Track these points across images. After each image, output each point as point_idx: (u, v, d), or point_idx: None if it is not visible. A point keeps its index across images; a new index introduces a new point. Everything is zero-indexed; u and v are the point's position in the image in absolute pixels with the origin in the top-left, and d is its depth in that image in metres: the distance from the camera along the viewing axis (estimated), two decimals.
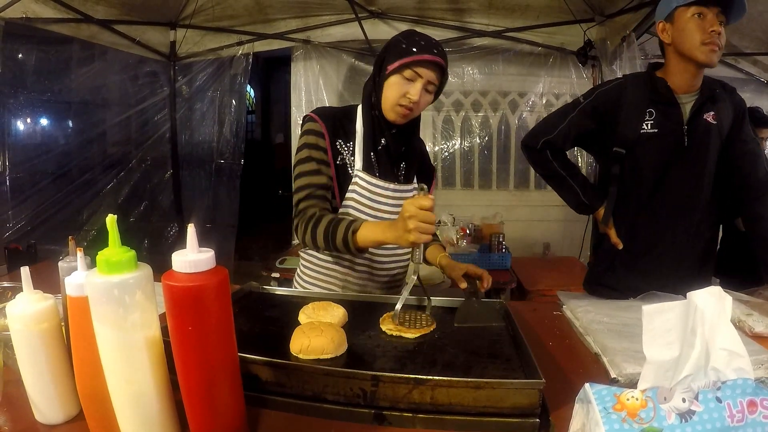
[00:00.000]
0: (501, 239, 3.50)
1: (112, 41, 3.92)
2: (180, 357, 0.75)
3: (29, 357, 0.91)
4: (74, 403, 0.94)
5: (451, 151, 4.66)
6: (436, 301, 1.47)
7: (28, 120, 4.00)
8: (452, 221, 3.67)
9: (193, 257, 0.73)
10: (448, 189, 4.61)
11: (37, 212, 3.65)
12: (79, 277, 0.80)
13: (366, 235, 1.39)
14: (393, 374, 0.94)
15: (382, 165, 1.65)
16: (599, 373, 1.17)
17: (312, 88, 4.44)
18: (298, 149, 1.62)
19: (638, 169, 1.83)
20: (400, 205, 1.50)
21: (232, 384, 0.80)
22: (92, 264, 0.79)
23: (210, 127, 4.88)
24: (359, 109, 1.68)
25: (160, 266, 0.83)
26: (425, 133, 4.51)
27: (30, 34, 3.37)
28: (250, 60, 4.50)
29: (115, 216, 0.75)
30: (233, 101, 4.69)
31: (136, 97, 4.62)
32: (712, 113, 1.78)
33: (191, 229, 0.74)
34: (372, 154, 1.63)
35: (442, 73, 1.55)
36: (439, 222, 3.62)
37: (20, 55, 3.58)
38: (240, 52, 4.46)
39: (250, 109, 5.12)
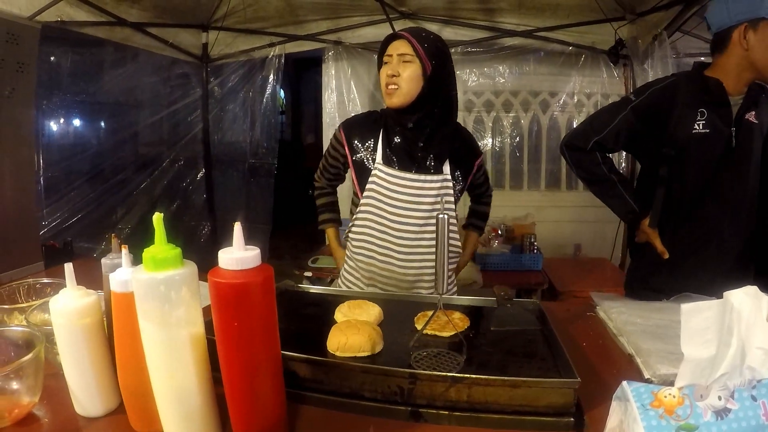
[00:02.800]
0: (533, 240, 3.48)
1: (145, 43, 3.98)
2: (224, 353, 0.78)
3: (71, 351, 0.95)
4: (114, 396, 0.98)
5: (483, 151, 4.55)
6: (469, 301, 1.49)
7: (63, 121, 4.07)
8: None
9: (239, 255, 0.75)
10: None
11: (72, 211, 3.72)
12: (124, 273, 0.84)
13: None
14: (430, 372, 0.96)
15: (402, 157, 1.73)
16: (633, 374, 1.16)
17: (343, 89, 4.46)
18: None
19: (686, 171, 1.80)
20: (419, 195, 1.68)
21: (274, 380, 0.83)
22: (136, 261, 0.82)
23: (242, 127, 4.95)
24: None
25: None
26: None
27: (65, 37, 3.43)
28: (282, 61, 4.54)
29: (162, 214, 0.78)
30: (265, 102, 4.74)
31: (169, 98, 4.70)
32: (753, 113, 1.75)
33: (238, 227, 0.77)
34: (388, 149, 1.73)
35: (411, 43, 1.62)
36: None
37: (54, 58, 3.65)
38: (272, 53, 4.50)
39: (281, 109, 5.18)
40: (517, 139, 4.62)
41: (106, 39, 3.62)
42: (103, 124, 4.43)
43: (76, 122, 4.24)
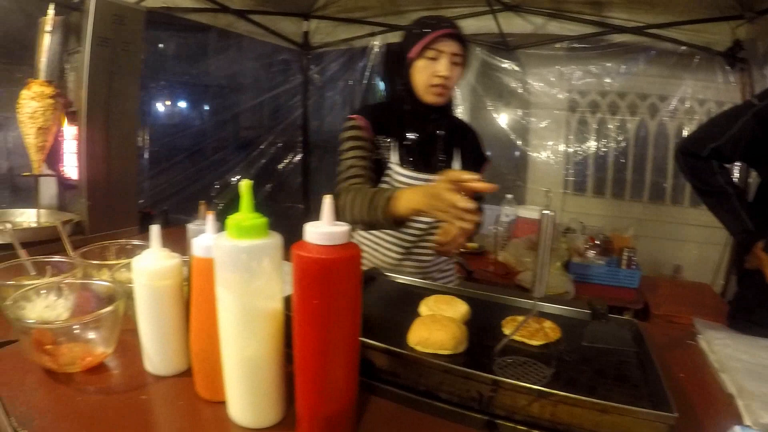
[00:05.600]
0: (632, 255, 3.29)
1: (248, 30, 4.13)
2: (300, 330, 0.76)
3: (149, 310, 0.97)
4: (184, 359, 1.00)
5: (584, 155, 4.46)
6: (560, 310, 1.40)
7: (167, 101, 4.44)
8: (582, 229, 3.50)
9: (327, 229, 0.72)
10: (578, 195, 4.44)
11: (171, 184, 4.01)
12: (207, 239, 0.83)
13: (402, 202, 1.34)
14: (516, 382, 0.89)
15: (416, 156, 1.71)
16: (731, 417, 1.05)
17: None
18: (342, 143, 1.76)
19: None
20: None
21: (348, 365, 0.80)
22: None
23: (340, 115, 5.10)
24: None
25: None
26: (558, 134, 4.39)
27: (170, 22, 3.63)
28: (382, 51, 4.55)
29: (251, 182, 0.77)
30: (364, 91, 4.82)
31: (270, 83, 4.93)
32: None
33: (328, 201, 0.74)
34: (404, 147, 1.70)
35: (463, 44, 1.59)
36: (568, 229, 3.48)
37: (161, 43, 3.92)
38: (371, 43, 4.54)
39: (381, 99, 5.30)
40: (623, 144, 4.39)
41: (210, 25, 3.86)
42: (205, 105, 4.81)
43: (181, 103, 4.56)
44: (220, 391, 0.87)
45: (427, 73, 1.60)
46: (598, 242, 3.39)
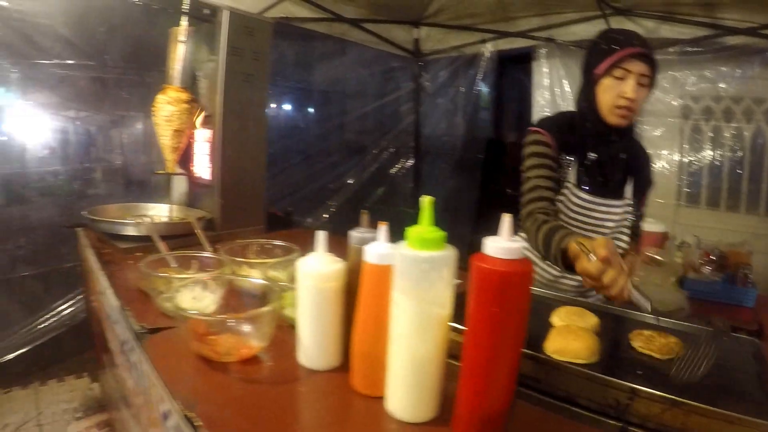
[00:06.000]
0: (748, 272, 3.13)
1: (361, 38, 4.31)
2: (474, 335, 0.82)
3: (311, 308, 1.06)
4: (338, 355, 1.09)
5: (699, 165, 4.25)
6: (682, 326, 1.40)
7: (285, 104, 4.71)
8: (697, 243, 3.37)
9: (506, 244, 0.78)
10: (692, 207, 4.22)
11: (287, 185, 4.23)
12: (381, 247, 0.90)
13: (571, 257, 1.33)
14: (652, 390, 0.92)
15: (593, 178, 1.66)
16: None
17: (555, 88, 4.36)
18: (527, 157, 1.69)
19: None
20: (602, 220, 1.64)
21: (511, 370, 0.85)
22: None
23: (451, 121, 5.15)
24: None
25: None
26: (672, 142, 4.22)
27: (288, 32, 3.84)
28: (493, 58, 4.60)
29: (432, 198, 0.82)
30: (474, 98, 4.88)
31: (383, 89, 5.08)
32: None
33: (507, 219, 0.80)
34: (582, 167, 1.66)
35: (652, 64, 1.52)
36: (682, 243, 3.36)
37: (280, 49, 4.15)
38: (482, 50, 4.57)
39: (486, 106, 5.39)
40: (739, 153, 4.14)
41: (326, 33, 4.05)
42: (321, 110, 4.99)
43: (297, 106, 4.78)
44: (378, 387, 0.95)
45: (612, 93, 1.54)
46: (713, 257, 3.24)
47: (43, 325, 3.67)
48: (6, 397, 3.36)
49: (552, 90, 4.35)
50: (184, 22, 2.35)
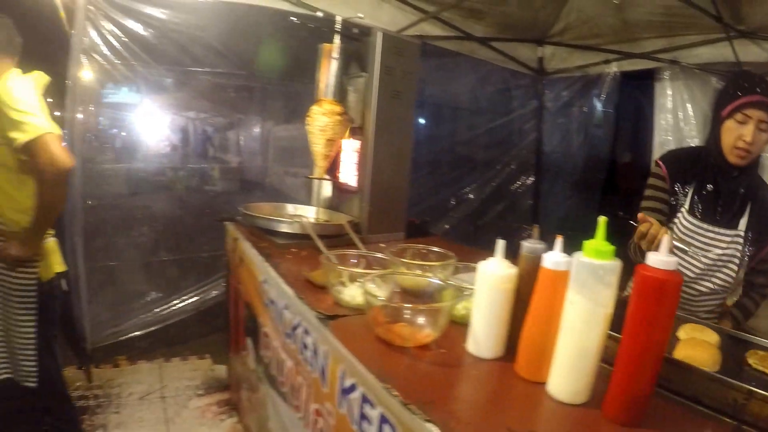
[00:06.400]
0: None
1: (488, 56, 4.65)
2: (633, 330, 1.06)
3: (486, 305, 1.33)
4: (502, 346, 1.36)
5: None
6: None
7: (417, 119, 5.03)
8: None
9: (667, 258, 1.02)
10: None
11: (415, 195, 4.54)
12: (557, 256, 1.16)
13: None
14: (766, 393, 1.12)
15: (706, 207, 1.87)
16: None
17: (679, 111, 4.43)
18: (645, 188, 1.98)
19: None
20: (707, 246, 1.84)
21: (657, 362, 1.08)
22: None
23: (572, 140, 5.35)
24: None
25: None
26: None
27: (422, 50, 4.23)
28: (616, 79, 4.74)
29: (606, 218, 1.08)
30: (597, 118, 5.05)
31: (507, 107, 5.36)
32: None
33: (667, 237, 1.04)
34: (698, 195, 1.88)
35: None
36: None
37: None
38: (606, 70, 4.71)
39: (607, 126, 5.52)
40: None
41: (457, 51, 4.38)
42: (446, 124, 5.33)
43: (425, 121, 5.08)
44: (540, 373, 1.21)
45: (733, 136, 1.76)
46: None
47: (172, 308, 4.15)
48: (132, 369, 3.84)
49: (675, 113, 4.41)
50: (337, 40, 2.70)
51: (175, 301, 4.09)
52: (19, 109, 2.00)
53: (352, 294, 1.67)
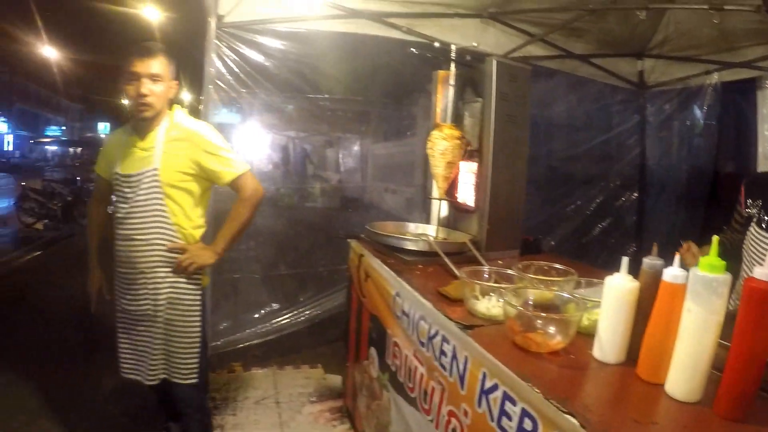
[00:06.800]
0: None
1: (588, 72, 4.90)
2: (744, 336, 1.29)
3: (612, 315, 1.60)
4: (624, 352, 1.61)
5: None
6: None
7: None
8: None
9: None
10: None
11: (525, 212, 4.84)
12: (676, 271, 1.42)
13: None
14: None
15: None
16: None
17: None
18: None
19: None
20: None
21: (761, 363, 1.30)
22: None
23: (675, 154, 5.48)
24: None
25: None
26: None
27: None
28: (718, 89, 4.82)
29: (719, 237, 1.34)
30: (699, 131, 5.15)
31: (608, 122, 5.55)
32: None
33: None
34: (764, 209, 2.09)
35: None
36: None
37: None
38: (707, 81, 4.80)
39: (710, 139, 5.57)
40: None
41: (557, 69, 4.67)
42: (549, 142, 5.54)
43: (530, 139, 5.41)
44: (659, 374, 1.46)
45: None
46: None
47: (288, 320, 4.58)
48: (247, 375, 4.26)
49: None
50: (453, 68, 3.03)
51: (291, 313, 4.52)
52: (221, 151, 2.58)
53: (487, 306, 1.97)
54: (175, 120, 2.60)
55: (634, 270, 1.60)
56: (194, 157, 2.54)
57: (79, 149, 20.50)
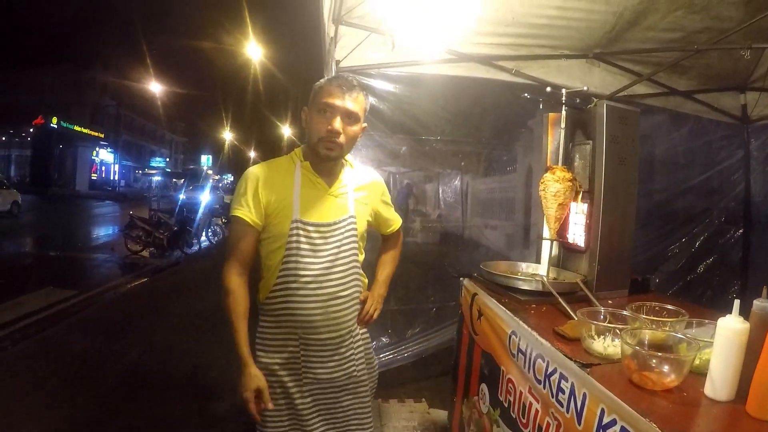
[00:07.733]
0: None
1: (693, 109, 4.99)
2: None
3: (724, 355, 1.78)
4: (735, 390, 1.78)
5: None
6: None
7: None
8: None
9: None
10: None
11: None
12: None
13: None
14: None
15: None
16: None
17: None
18: None
19: None
20: None
21: None
22: None
23: None
24: None
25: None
26: None
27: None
28: None
29: None
30: None
31: (712, 158, 5.66)
32: None
33: None
34: None
35: None
36: None
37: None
38: None
39: None
40: None
41: (662, 107, 4.85)
42: (652, 180, 5.76)
43: None
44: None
45: None
46: None
47: (396, 355, 4.85)
48: None
49: None
50: (563, 111, 3.27)
51: (399, 348, 4.79)
52: (390, 200, 2.83)
53: (603, 345, 2.16)
54: (354, 165, 2.60)
55: (743, 309, 1.77)
56: (374, 206, 2.64)
57: (181, 180, 21.77)
